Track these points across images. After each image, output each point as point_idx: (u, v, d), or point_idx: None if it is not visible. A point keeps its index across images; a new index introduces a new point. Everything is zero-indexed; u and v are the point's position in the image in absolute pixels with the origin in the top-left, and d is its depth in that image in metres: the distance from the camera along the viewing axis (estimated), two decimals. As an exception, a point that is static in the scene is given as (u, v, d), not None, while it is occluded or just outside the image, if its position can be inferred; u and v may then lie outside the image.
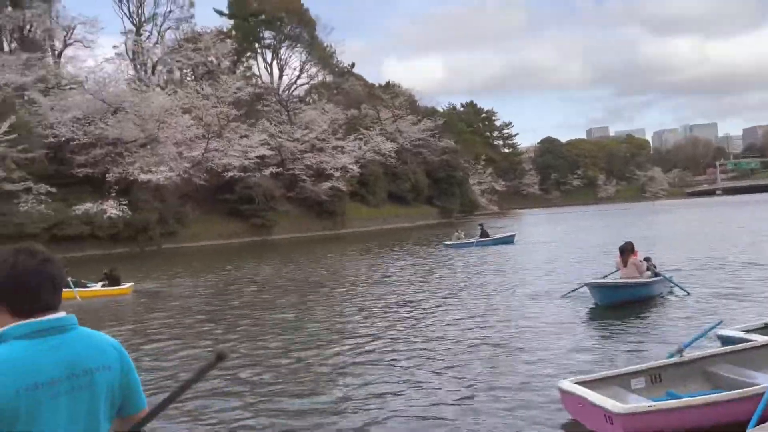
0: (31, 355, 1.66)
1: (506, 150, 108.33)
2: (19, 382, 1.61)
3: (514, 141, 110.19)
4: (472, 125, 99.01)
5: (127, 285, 16.70)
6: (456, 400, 6.04)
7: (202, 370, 1.91)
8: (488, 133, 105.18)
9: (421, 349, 8.14)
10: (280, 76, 63.76)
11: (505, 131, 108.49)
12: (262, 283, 17.69)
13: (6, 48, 45.74)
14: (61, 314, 1.77)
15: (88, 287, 16.13)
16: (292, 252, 30.40)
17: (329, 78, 68.17)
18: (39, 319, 1.71)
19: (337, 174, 51.00)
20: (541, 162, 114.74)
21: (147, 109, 40.87)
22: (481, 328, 9.36)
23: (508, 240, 27.32)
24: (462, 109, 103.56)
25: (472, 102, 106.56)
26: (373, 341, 8.88)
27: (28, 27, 47.42)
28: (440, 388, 6.44)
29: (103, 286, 16.38)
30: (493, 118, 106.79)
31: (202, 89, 47.18)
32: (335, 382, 6.89)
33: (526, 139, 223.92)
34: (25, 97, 39.97)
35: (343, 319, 11.15)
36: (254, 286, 16.90)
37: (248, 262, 25.04)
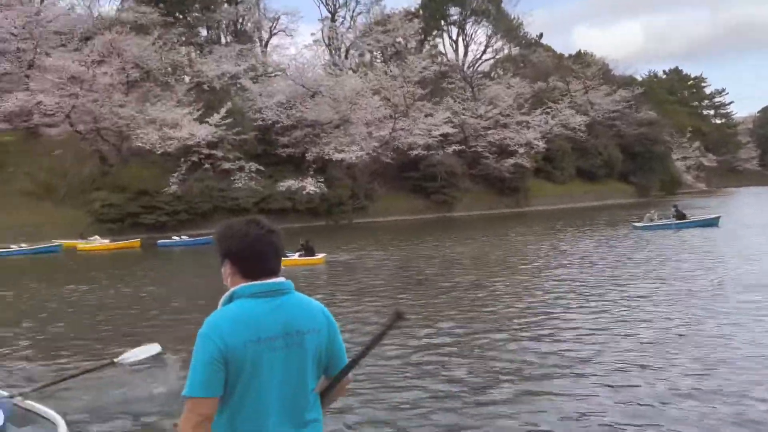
0: (256, 313, 1.89)
1: (718, 121, 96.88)
2: (247, 335, 1.84)
3: (728, 110, 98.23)
4: (676, 94, 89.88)
5: (321, 255, 18.18)
6: (656, 403, 5.43)
7: (385, 329, 2.06)
8: (696, 103, 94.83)
9: (612, 342, 7.59)
10: (465, 53, 63.53)
11: (717, 99, 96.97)
12: (443, 259, 18.03)
13: (223, 41, 51.77)
14: (282, 279, 2.00)
15: (287, 256, 17.82)
16: (473, 229, 30.46)
17: (515, 51, 66.24)
18: (264, 281, 1.95)
19: (521, 150, 49.73)
20: (762, 134, 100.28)
21: (341, 91, 43.57)
22: (682, 321, 8.50)
23: (712, 222, 24.43)
24: (665, 76, 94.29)
25: (676, 68, 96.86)
26: (557, 330, 8.55)
27: (239, 21, 53.15)
28: (638, 387, 5.86)
29: (300, 255, 18.01)
30: (702, 84, 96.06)
31: (390, 70, 48.89)
32: (514, 372, 6.54)
33: (743, 107, 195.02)
34: (238, 85, 44.99)
35: (525, 302, 10.93)
36: (436, 262, 17.28)
37: (431, 238, 25.64)
